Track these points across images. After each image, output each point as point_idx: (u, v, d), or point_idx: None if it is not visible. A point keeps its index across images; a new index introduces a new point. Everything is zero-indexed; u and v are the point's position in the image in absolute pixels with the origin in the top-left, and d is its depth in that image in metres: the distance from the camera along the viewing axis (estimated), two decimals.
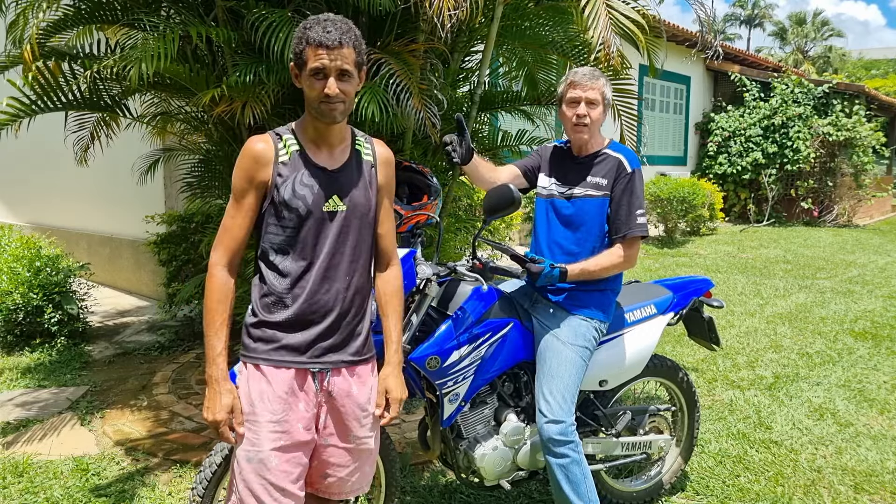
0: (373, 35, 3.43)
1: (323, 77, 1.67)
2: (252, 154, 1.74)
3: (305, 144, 1.78)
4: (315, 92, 1.68)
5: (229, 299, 1.74)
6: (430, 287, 2.30)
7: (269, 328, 1.76)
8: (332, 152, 1.80)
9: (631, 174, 2.43)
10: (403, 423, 3.60)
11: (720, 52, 5.41)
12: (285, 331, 1.76)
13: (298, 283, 1.75)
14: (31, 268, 5.00)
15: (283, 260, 1.76)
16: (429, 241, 3.58)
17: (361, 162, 1.84)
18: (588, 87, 2.41)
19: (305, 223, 1.74)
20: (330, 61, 1.66)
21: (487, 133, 4.40)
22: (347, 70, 1.69)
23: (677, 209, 10.76)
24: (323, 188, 1.75)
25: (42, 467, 3.17)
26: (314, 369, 1.78)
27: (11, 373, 4.47)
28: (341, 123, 1.78)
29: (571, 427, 2.35)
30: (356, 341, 1.83)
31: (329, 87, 1.66)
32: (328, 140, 1.79)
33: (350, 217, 1.78)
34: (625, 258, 2.43)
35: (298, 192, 1.73)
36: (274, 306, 1.76)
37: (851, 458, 3.39)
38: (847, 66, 40.48)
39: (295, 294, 1.75)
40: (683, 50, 12.45)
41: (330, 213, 1.75)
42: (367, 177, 1.83)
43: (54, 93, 3.39)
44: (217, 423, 1.71)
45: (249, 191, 1.75)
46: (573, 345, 2.42)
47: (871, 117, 14.57)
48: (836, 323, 6.06)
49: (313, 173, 1.75)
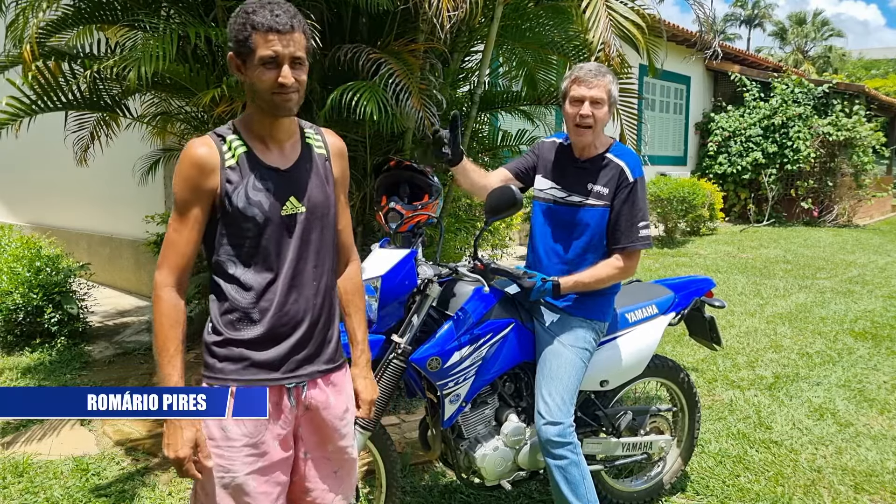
0: (373, 35, 3.43)
1: (275, 66, 1.51)
2: (193, 161, 1.56)
3: (252, 144, 1.61)
4: (267, 83, 1.52)
5: (181, 323, 1.57)
6: (431, 288, 2.30)
7: (237, 346, 1.60)
8: (282, 150, 1.64)
9: (633, 184, 2.35)
10: (404, 423, 3.60)
11: (719, 53, 5.40)
12: (255, 348, 1.61)
13: (264, 295, 1.60)
14: (31, 268, 5.00)
15: (245, 272, 1.60)
16: (429, 241, 3.58)
17: (314, 156, 1.69)
18: (594, 85, 2.29)
19: (265, 231, 1.59)
20: (283, 47, 1.50)
21: (487, 133, 4.40)
22: (301, 57, 1.54)
23: (677, 209, 10.76)
24: (278, 191, 1.60)
25: (42, 467, 3.17)
26: (289, 385, 1.64)
27: (11, 373, 4.47)
28: (292, 117, 1.64)
29: (570, 429, 2.34)
30: (328, 348, 1.71)
31: (284, 76, 1.51)
32: (277, 136, 1.63)
33: (311, 219, 1.64)
34: (622, 270, 2.38)
35: (253, 198, 1.57)
36: (240, 322, 1.60)
37: (851, 458, 3.39)
38: (847, 66, 40.49)
39: (262, 308, 1.60)
40: (683, 50, 12.45)
41: (289, 217, 1.61)
42: (323, 172, 1.69)
43: (54, 93, 3.39)
44: (180, 460, 1.53)
45: (195, 202, 1.57)
46: (573, 346, 2.41)
47: (871, 117, 14.57)
48: (836, 323, 6.06)
49: (265, 175, 1.59)
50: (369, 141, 3.46)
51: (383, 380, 2.25)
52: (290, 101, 1.55)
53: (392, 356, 2.26)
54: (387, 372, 2.26)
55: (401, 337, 2.27)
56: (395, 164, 2.50)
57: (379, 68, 3.00)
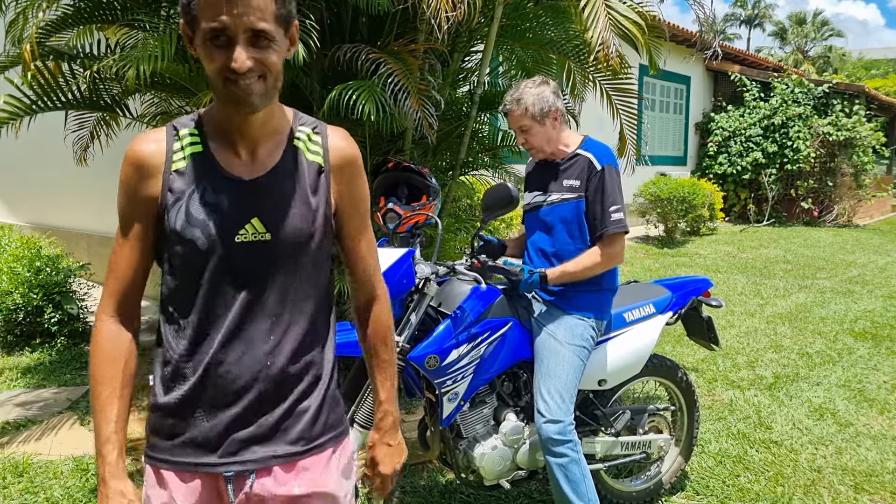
0: (372, 35, 3.43)
1: (225, 42, 1.08)
2: (131, 160, 1.19)
3: (213, 142, 1.20)
4: (214, 67, 1.10)
5: (120, 360, 1.21)
6: (429, 286, 2.31)
7: (169, 414, 1.22)
8: (253, 153, 1.21)
9: (601, 172, 2.41)
10: (403, 423, 3.58)
11: (719, 53, 5.41)
12: (187, 417, 1.21)
13: (200, 346, 1.20)
14: (31, 268, 5.00)
15: (182, 312, 1.21)
16: (428, 241, 3.59)
17: (301, 165, 1.23)
18: (513, 116, 2.43)
19: (209, 262, 1.18)
20: (233, 15, 1.06)
21: (487, 133, 4.40)
22: (264, 30, 1.08)
23: (677, 209, 10.75)
24: (234, 209, 1.18)
25: (42, 467, 3.17)
26: (227, 473, 1.20)
27: (11, 373, 4.47)
28: (270, 109, 1.19)
29: (570, 427, 2.35)
30: (298, 425, 1.25)
31: (235, 59, 1.07)
32: (248, 134, 1.20)
33: (279, 250, 1.20)
34: (605, 256, 2.42)
35: (195, 216, 1.16)
36: (173, 381, 1.22)
37: (851, 458, 3.38)
38: (847, 66, 40.49)
39: (196, 362, 1.20)
40: (683, 50, 12.45)
41: (246, 245, 1.18)
42: (310, 186, 1.23)
43: (54, 92, 3.39)
44: None
45: (133, 214, 1.20)
46: (570, 344, 2.42)
47: (871, 117, 14.57)
48: (836, 323, 6.06)
49: (219, 187, 1.18)
50: (369, 141, 3.46)
51: None
52: (248, 94, 1.11)
53: None
54: None
55: (399, 335, 2.28)
56: (394, 164, 2.51)
57: (378, 68, 3.00)
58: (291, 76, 3.14)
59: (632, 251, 9.77)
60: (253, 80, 1.10)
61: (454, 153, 3.91)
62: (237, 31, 1.07)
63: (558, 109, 2.44)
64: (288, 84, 3.24)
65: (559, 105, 2.44)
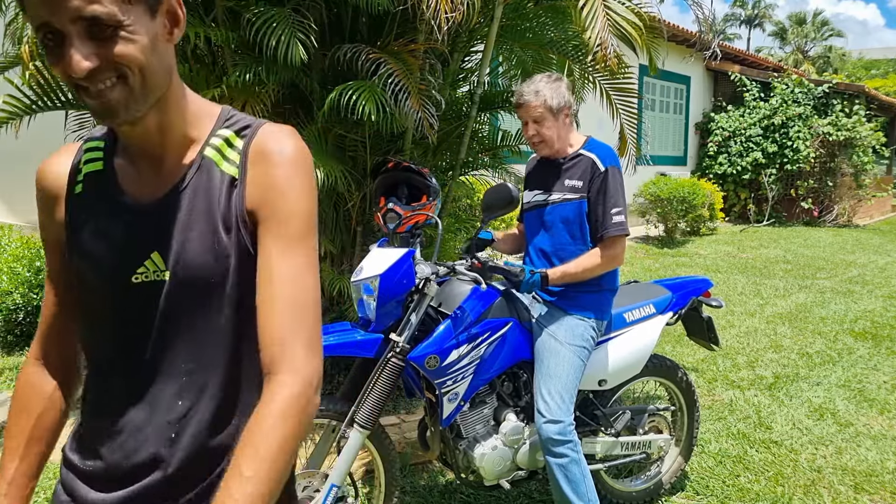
0: (372, 35, 3.43)
1: (60, 41, 0.82)
2: (37, 184, 1.01)
3: (119, 157, 0.98)
4: (58, 72, 0.84)
5: (35, 414, 1.04)
6: (429, 286, 2.31)
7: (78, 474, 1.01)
8: (158, 169, 0.96)
9: (604, 173, 2.41)
10: (403, 423, 3.59)
11: (719, 53, 5.41)
12: (88, 482, 0.99)
13: (101, 407, 1.00)
14: (31, 268, 5.00)
15: (88, 366, 1.03)
16: (428, 241, 3.59)
17: (214, 180, 0.95)
18: (531, 106, 2.42)
19: (104, 307, 0.96)
20: (50, 6, 0.79)
21: (487, 133, 4.40)
22: (97, 16, 0.80)
23: (677, 209, 10.76)
24: (130, 242, 0.94)
25: None
26: None
27: (11, 373, 4.47)
28: (167, 114, 0.93)
29: (570, 427, 2.35)
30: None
31: (69, 62, 0.81)
32: (147, 149, 0.96)
33: (181, 290, 0.94)
34: (606, 258, 2.42)
35: (88, 251, 0.95)
36: (76, 436, 1.05)
37: (851, 458, 3.38)
38: (847, 66, 40.50)
39: (95, 427, 1.00)
40: (683, 50, 12.45)
41: (144, 287, 0.93)
42: (218, 209, 0.94)
43: (53, 92, 3.39)
44: None
45: (48, 247, 1.03)
46: (570, 345, 2.42)
47: (871, 117, 14.57)
48: (836, 323, 6.06)
49: (115, 212, 0.95)
50: (369, 141, 3.46)
51: (382, 378, 2.25)
52: (106, 103, 0.85)
53: (390, 355, 2.26)
54: (385, 370, 2.26)
55: (399, 335, 2.28)
56: (394, 164, 2.51)
57: (378, 68, 3.01)
58: (291, 76, 3.14)
59: (632, 251, 9.77)
60: (107, 86, 0.84)
61: (454, 153, 3.90)
62: (63, 23, 0.80)
63: (570, 106, 2.47)
64: (288, 84, 3.24)
65: (572, 102, 2.47)
